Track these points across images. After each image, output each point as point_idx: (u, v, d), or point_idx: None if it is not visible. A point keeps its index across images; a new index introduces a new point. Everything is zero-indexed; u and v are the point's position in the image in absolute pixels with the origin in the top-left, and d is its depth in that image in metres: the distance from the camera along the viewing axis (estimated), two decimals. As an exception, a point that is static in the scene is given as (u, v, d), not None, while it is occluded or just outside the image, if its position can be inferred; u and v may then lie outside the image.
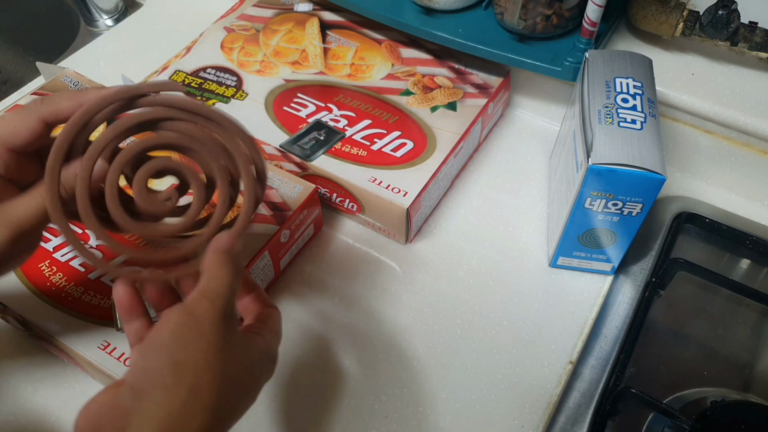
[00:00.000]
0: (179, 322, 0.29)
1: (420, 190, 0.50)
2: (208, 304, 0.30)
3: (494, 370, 0.46)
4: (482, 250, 0.54)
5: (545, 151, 0.61)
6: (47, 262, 0.46)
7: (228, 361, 0.29)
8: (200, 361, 0.28)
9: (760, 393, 0.47)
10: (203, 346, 0.28)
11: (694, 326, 0.53)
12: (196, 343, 0.29)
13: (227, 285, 0.31)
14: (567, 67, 0.54)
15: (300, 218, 0.50)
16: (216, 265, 0.31)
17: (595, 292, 0.51)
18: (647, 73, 0.47)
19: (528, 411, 0.45)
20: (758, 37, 0.51)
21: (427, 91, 0.59)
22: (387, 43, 0.63)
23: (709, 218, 0.54)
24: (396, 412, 0.45)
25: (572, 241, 0.48)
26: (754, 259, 0.55)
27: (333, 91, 0.59)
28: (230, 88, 0.59)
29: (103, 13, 0.77)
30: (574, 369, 0.47)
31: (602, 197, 0.44)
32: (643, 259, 0.52)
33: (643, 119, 0.43)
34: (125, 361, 0.41)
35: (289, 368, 0.47)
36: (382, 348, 0.48)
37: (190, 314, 0.29)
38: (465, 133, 0.55)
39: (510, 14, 0.55)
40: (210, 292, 0.30)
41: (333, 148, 0.54)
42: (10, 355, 0.47)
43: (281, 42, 0.63)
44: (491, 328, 0.49)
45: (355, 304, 0.50)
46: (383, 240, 0.54)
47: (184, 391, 0.27)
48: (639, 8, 0.55)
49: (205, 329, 0.29)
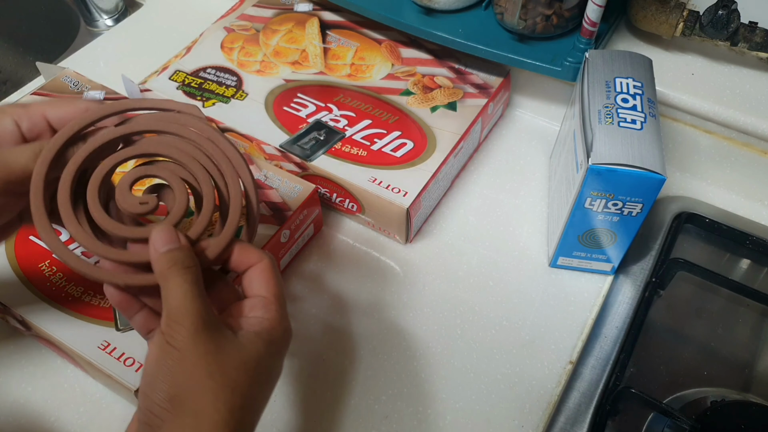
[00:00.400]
0: (161, 354, 0.29)
1: (420, 190, 0.50)
2: (178, 327, 0.29)
3: (494, 370, 0.46)
4: (482, 250, 0.54)
5: (545, 151, 0.61)
6: (47, 262, 0.46)
7: (224, 369, 0.29)
8: (193, 387, 0.28)
9: (760, 393, 0.47)
10: (192, 372, 0.29)
11: (694, 326, 0.53)
12: (183, 371, 0.29)
13: (188, 296, 0.30)
14: (567, 67, 0.54)
15: (300, 218, 0.50)
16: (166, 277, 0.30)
17: (595, 292, 0.51)
18: (647, 73, 0.47)
19: (528, 411, 0.45)
20: (758, 37, 0.51)
21: (427, 91, 0.59)
22: (387, 43, 0.63)
23: (709, 218, 0.54)
24: (396, 412, 0.45)
25: (572, 241, 0.48)
26: (754, 259, 0.55)
27: (333, 91, 0.59)
28: (230, 88, 0.59)
29: (103, 13, 0.77)
30: (574, 369, 0.47)
31: (602, 197, 0.44)
32: (643, 259, 0.52)
33: (643, 119, 0.43)
34: (125, 361, 0.41)
35: (289, 368, 0.47)
36: (382, 348, 0.48)
37: (168, 343, 0.29)
38: (465, 133, 0.55)
39: (510, 14, 0.55)
40: (174, 312, 0.30)
41: (333, 148, 0.54)
42: (10, 355, 0.47)
43: (281, 42, 0.63)
44: (491, 328, 0.49)
45: (354, 305, 0.50)
46: (383, 240, 0.54)
47: (190, 419, 0.28)
48: (639, 8, 0.55)
49: (187, 353, 0.29)
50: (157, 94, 0.58)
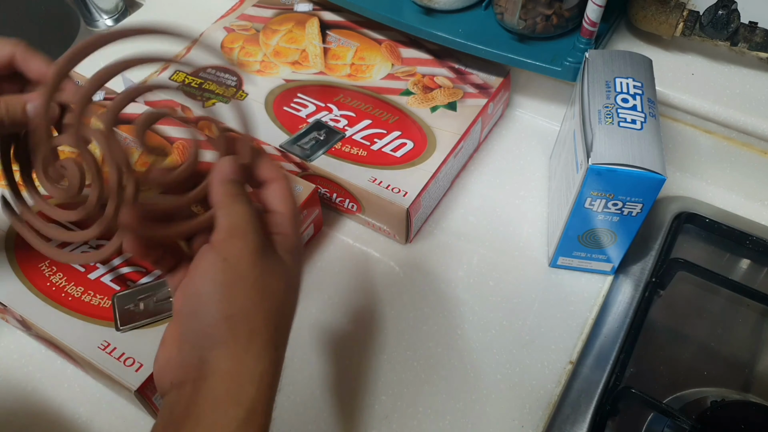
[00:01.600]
0: (217, 270, 0.29)
1: (420, 190, 0.50)
2: (241, 244, 0.29)
3: (494, 370, 0.46)
4: (482, 250, 0.54)
5: (545, 151, 0.61)
6: (47, 262, 0.46)
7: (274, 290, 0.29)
8: (249, 308, 0.28)
9: (760, 393, 0.47)
10: (249, 292, 0.29)
11: (694, 326, 0.52)
12: (241, 290, 0.28)
13: (249, 216, 0.30)
14: (567, 67, 0.54)
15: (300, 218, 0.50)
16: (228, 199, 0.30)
17: (595, 292, 0.51)
18: (647, 73, 0.47)
19: (528, 411, 0.45)
20: (758, 37, 0.51)
21: (427, 91, 0.58)
22: (387, 43, 0.63)
23: (709, 218, 0.54)
24: (396, 412, 0.45)
25: (572, 241, 0.48)
26: (754, 259, 0.55)
27: (333, 91, 0.59)
28: (230, 88, 0.59)
29: (103, 13, 0.77)
30: (574, 369, 0.47)
31: (602, 197, 0.44)
32: (643, 259, 0.52)
33: (643, 119, 0.43)
34: (125, 361, 0.41)
35: (289, 368, 0.47)
36: (382, 348, 0.48)
37: (226, 260, 0.29)
38: (465, 133, 0.55)
39: (510, 14, 0.55)
40: (237, 229, 0.30)
41: (333, 148, 0.54)
42: (10, 355, 0.47)
43: (281, 42, 0.63)
44: (491, 328, 0.49)
45: (355, 304, 0.50)
46: (383, 240, 0.54)
47: (244, 339, 0.28)
48: (639, 8, 0.55)
49: (246, 272, 0.29)
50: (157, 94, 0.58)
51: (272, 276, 0.30)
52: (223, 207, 0.30)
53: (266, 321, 0.29)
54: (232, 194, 0.31)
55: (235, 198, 0.30)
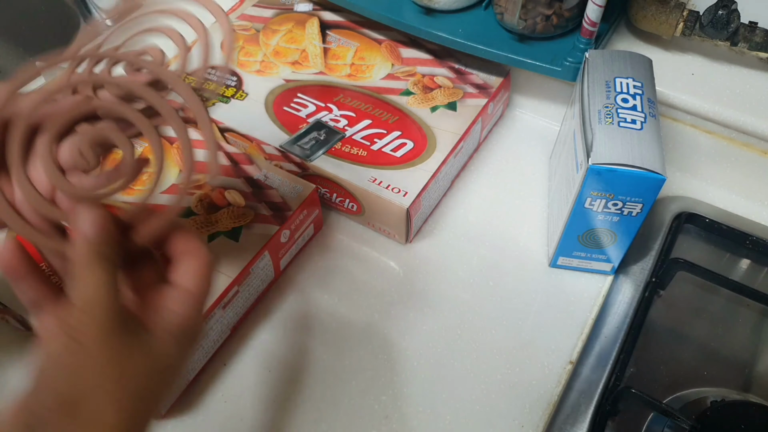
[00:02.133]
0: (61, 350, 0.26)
1: (420, 190, 0.50)
2: (87, 319, 0.26)
3: (494, 370, 0.46)
4: (482, 250, 0.54)
5: (545, 151, 0.61)
6: (47, 262, 0.46)
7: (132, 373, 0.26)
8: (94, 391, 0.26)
9: (760, 393, 0.47)
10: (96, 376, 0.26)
11: (694, 326, 0.53)
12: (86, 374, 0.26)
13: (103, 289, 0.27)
14: (567, 67, 0.54)
15: (300, 218, 0.50)
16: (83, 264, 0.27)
17: (595, 292, 0.51)
18: (647, 73, 0.47)
19: (528, 411, 0.45)
20: (758, 37, 0.51)
21: (427, 91, 0.58)
22: (387, 43, 0.63)
23: (709, 218, 0.54)
24: (396, 412, 0.45)
25: (572, 241, 0.48)
26: (754, 259, 0.55)
27: (333, 91, 0.59)
28: (230, 88, 0.59)
29: (103, 13, 0.77)
30: (574, 369, 0.47)
31: (602, 197, 0.44)
32: (643, 259, 0.52)
33: (643, 119, 0.43)
34: None
35: (289, 369, 0.47)
36: (382, 348, 0.48)
37: (71, 337, 0.26)
38: (465, 133, 0.55)
39: (510, 14, 0.55)
40: (85, 302, 0.26)
41: (333, 148, 0.54)
42: (10, 355, 0.47)
43: (281, 42, 0.63)
44: (491, 328, 0.49)
45: (354, 305, 0.50)
46: (383, 240, 0.54)
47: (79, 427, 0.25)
48: (639, 8, 0.55)
49: (94, 352, 0.26)
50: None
51: (130, 358, 0.27)
52: (77, 273, 0.27)
53: (117, 406, 0.26)
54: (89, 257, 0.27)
55: (92, 262, 0.27)
